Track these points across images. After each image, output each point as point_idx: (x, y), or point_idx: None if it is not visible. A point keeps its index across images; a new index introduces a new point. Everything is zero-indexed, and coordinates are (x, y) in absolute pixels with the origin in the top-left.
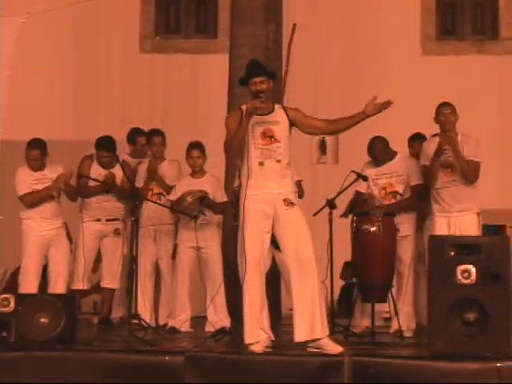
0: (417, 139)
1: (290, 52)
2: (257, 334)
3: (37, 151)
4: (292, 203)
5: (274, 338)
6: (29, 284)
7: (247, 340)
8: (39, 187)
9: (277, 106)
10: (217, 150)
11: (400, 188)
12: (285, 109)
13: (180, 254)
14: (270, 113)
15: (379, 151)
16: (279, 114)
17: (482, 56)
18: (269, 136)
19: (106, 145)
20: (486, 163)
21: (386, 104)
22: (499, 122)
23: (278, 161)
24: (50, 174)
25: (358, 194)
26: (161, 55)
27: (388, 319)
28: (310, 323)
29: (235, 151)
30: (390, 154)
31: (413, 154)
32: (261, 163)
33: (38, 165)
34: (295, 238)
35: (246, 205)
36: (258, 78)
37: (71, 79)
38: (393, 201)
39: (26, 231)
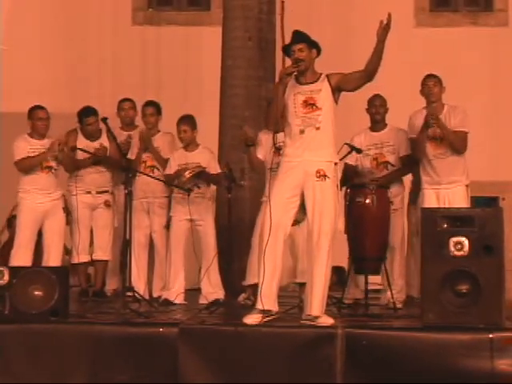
0: None
1: (283, 26)
2: (258, 303)
3: (42, 112)
4: (325, 176)
5: (276, 309)
6: (20, 257)
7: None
8: None
9: (322, 76)
10: (210, 122)
11: (391, 158)
12: (328, 77)
13: (174, 226)
14: (313, 82)
15: (384, 112)
16: (322, 83)
17: (476, 28)
18: (310, 104)
19: (89, 110)
20: (478, 135)
21: (388, 19)
22: (491, 94)
23: (317, 128)
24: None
25: (346, 166)
26: (153, 27)
27: (376, 291)
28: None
29: (270, 118)
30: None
31: None
32: (301, 131)
33: (42, 128)
34: (315, 212)
35: (279, 171)
36: (298, 46)
37: (62, 52)
38: (385, 171)
39: (21, 203)
